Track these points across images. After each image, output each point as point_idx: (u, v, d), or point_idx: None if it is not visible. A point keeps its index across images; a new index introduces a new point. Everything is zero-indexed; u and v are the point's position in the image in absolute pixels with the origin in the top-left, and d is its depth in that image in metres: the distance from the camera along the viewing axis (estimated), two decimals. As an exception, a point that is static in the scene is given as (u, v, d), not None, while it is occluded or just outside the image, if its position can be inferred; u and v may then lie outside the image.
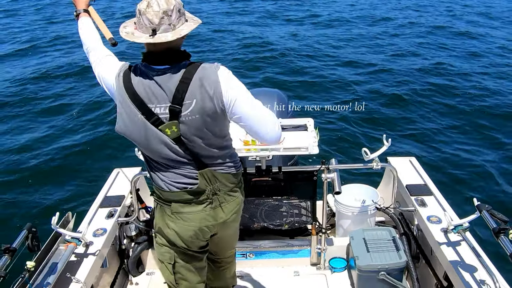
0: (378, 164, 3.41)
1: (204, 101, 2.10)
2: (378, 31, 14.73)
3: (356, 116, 8.47)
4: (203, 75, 2.10)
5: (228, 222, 2.48)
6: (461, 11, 17.79)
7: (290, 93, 9.44)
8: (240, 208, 2.55)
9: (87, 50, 2.53)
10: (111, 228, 3.42)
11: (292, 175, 3.52)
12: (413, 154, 5.38)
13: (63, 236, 3.13)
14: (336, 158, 3.62)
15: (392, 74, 10.69)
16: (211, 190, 2.33)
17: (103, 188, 3.93)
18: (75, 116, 8.68)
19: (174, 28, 2.10)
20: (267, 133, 2.25)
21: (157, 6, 2.05)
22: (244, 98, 2.18)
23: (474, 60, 11.73)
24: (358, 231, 3.55)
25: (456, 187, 6.19)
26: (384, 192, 4.01)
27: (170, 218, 2.40)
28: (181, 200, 2.34)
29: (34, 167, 6.97)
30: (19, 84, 10.27)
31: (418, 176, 3.88)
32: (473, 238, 3.10)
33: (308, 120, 3.57)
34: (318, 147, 3.23)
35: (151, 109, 2.14)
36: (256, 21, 16.48)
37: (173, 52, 2.15)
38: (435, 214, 3.39)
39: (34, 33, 15.06)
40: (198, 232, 2.40)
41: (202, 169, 2.29)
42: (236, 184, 2.45)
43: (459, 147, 7.34)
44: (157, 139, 2.18)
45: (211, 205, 2.36)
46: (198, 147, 2.23)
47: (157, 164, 2.33)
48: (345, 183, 3.89)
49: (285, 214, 3.67)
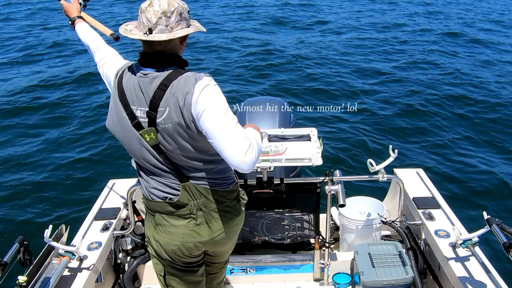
0: (384, 176, 3.43)
1: (176, 111, 2.11)
2: (387, 38, 14.81)
3: (362, 125, 8.50)
4: (179, 83, 2.11)
5: (217, 240, 2.46)
6: (473, 18, 17.88)
7: (295, 100, 9.56)
8: (234, 227, 2.52)
9: (91, 53, 2.66)
10: (106, 241, 3.43)
11: (294, 187, 3.53)
12: (420, 165, 5.39)
13: (56, 250, 3.14)
14: (340, 169, 3.63)
15: (400, 82, 10.76)
16: (195, 205, 2.33)
17: (98, 200, 3.94)
18: (68, 126, 8.71)
19: (171, 30, 2.14)
20: (232, 158, 2.06)
21: (157, 6, 2.11)
22: (212, 111, 2.08)
23: (486, 69, 11.78)
24: (363, 246, 3.56)
25: (465, 200, 6.20)
26: (390, 205, 4.02)
27: (154, 230, 2.46)
28: (163, 211, 2.37)
29: (25, 178, 6.98)
30: (11, 94, 10.29)
31: (425, 189, 3.89)
32: (482, 253, 3.11)
33: (311, 130, 3.59)
34: (321, 158, 3.25)
35: (133, 111, 2.20)
36: (261, 27, 16.62)
37: (165, 55, 2.19)
38: (443, 228, 3.39)
39: (25, 40, 15.15)
40: (182, 248, 2.42)
41: (185, 182, 2.30)
42: (228, 202, 2.43)
43: (469, 159, 7.35)
44: (139, 142, 2.24)
45: (195, 221, 2.36)
46: (177, 157, 2.24)
47: (142, 170, 2.39)
48: (349, 195, 3.90)
49: (287, 227, 3.68)
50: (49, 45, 14.26)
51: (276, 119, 4.02)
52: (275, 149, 3.28)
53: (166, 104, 2.11)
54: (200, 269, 2.64)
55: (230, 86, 10.48)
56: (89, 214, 3.75)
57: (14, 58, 13.21)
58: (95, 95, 9.99)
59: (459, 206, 5.13)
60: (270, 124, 3.93)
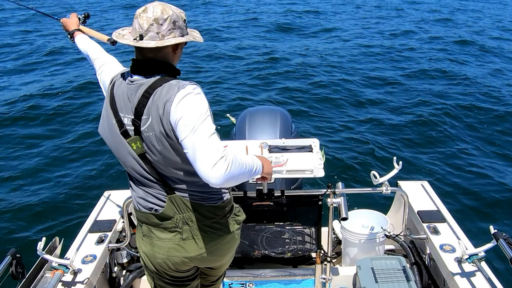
0: (388, 188, 3.43)
1: (157, 120, 2.12)
2: (394, 46, 14.91)
3: (366, 136, 8.53)
4: (162, 91, 2.12)
5: (206, 257, 2.45)
6: (482, 26, 17.95)
7: (300, 107, 9.58)
8: (224, 245, 2.49)
9: (91, 62, 2.75)
10: (101, 254, 3.44)
11: (295, 200, 3.54)
12: (425, 178, 5.39)
13: (49, 263, 3.15)
14: (343, 181, 3.63)
15: (406, 91, 10.82)
16: (181, 219, 2.34)
17: (93, 211, 3.95)
18: (64, 136, 8.74)
19: (161, 38, 2.16)
20: (199, 169, 2.01)
21: (151, 13, 2.15)
22: (187, 120, 2.04)
23: (495, 78, 11.83)
24: (366, 260, 3.56)
25: (471, 213, 6.20)
26: (394, 219, 4.03)
27: (142, 241, 2.49)
28: (149, 222, 2.40)
29: (18, 188, 7.01)
30: (5, 104, 10.29)
31: (430, 202, 3.90)
32: (489, 268, 3.12)
33: (313, 141, 3.57)
34: (323, 170, 3.25)
35: (122, 119, 2.23)
36: (265, 34, 16.75)
37: (154, 63, 2.21)
38: (448, 242, 3.40)
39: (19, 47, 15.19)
40: (168, 261, 2.43)
41: (171, 194, 2.30)
42: (217, 218, 2.41)
43: (475, 171, 7.36)
44: (126, 150, 2.26)
45: (180, 235, 2.37)
46: (162, 168, 2.25)
47: (131, 179, 2.42)
48: (352, 208, 3.91)
49: (288, 241, 3.67)
50: (45, 52, 14.35)
51: (277, 129, 4.03)
52: (276, 160, 3.26)
53: (149, 112, 2.13)
54: (191, 284, 2.64)
55: (234, 94, 10.57)
56: (84, 226, 3.75)
57: (8, 66, 13.28)
58: (91, 104, 10.02)
59: (465, 220, 5.14)
60: (271, 134, 3.94)
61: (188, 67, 12.37)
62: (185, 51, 11.32)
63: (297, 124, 8.64)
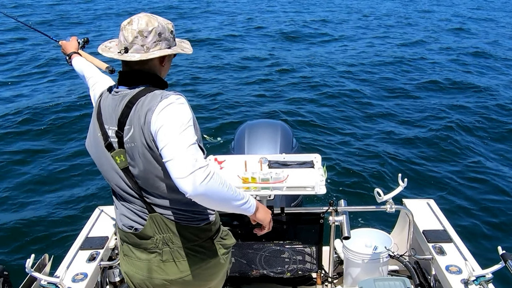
0: (392, 206, 3.46)
1: (139, 130, 2.13)
2: (404, 56, 14.98)
3: (371, 150, 8.56)
4: (145, 101, 2.14)
5: (188, 281, 2.42)
6: (496, 36, 18.03)
7: (302, 119, 9.59)
8: (207, 270, 2.46)
9: (86, 81, 2.86)
10: (93, 272, 3.44)
11: (296, 217, 3.56)
12: (432, 194, 5.40)
13: (38, 281, 3.14)
14: (345, 199, 3.66)
15: (417, 104, 10.86)
16: (161, 239, 2.33)
17: (84, 228, 3.94)
18: (54, 151, 8.78)
19: (146, 51, 2.21)
20: (174, 175, 1.98)
21: (136, 25, 2.20)
22: (166, 129, 2.04)
23: (510, 90, 11.84)
24: (369, 281, 3.57)
25: (479, 233, 6.20)
26: (399, 238, 4.04)
27: (123, 260, 2.52)
28: (129, 242, 2.42)
29: (6, 202, 7.03)
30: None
31: (436, 221, 3.91)
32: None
33: (315, 156, 3.59)
34: (325, 187, 3.26)
35: (107, 131, 2.27)
36: (270, 44, 16.85)
37: (140, 74, 2.26)
38: (454, 263, 3.41)
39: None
40: (148, 283, 2.44)
41: (153, 212, 2.31)
42: (199, 241, 2.40)
43: (484, 188, 7.36)
44: (110, 165, 2.29)
45: (160, 257, 2.37)
46: (144, 182, 2.26)
47: (114, 195, 2.44)
48: (355, 227, 3.93)
49: (287, 260, 3.69)
50: (37, 64, 14.39)
51: (277, 144, 4.05)
52: (276, 176, 3.27)
53: (131, 122, 2.16)
54: None
55: (236, 106, 10.59)
56: (75, 243, 3.74)
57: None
58: (84, 119, 9.95)
59: (472, 239, 5.13)
60: (271, 149, 3.96)
61: (187, 78, 12.39)
62: (185, 61, 11.58)
63: (301, 136, 8.71)
